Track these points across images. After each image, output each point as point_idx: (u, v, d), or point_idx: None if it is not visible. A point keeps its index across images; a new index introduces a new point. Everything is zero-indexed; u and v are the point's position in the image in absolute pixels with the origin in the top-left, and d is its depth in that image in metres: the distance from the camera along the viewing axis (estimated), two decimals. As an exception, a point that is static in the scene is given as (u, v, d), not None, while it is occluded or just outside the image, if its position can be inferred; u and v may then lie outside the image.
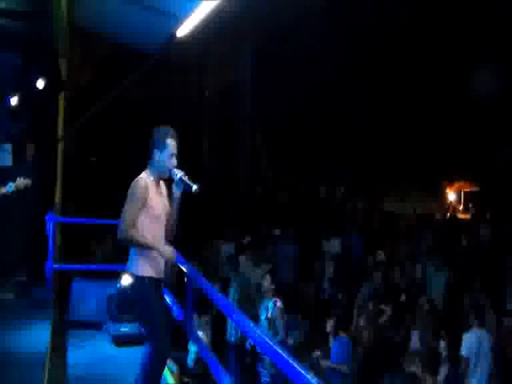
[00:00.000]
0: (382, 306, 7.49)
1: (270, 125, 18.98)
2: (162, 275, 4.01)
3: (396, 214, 15.73)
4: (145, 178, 3.90)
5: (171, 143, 3.92)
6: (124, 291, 5.70)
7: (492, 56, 16.60)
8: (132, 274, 3.92)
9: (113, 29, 7.78)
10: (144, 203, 3.83)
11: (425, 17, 17.10)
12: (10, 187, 5.98)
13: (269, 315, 6.82)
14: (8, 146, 6.64)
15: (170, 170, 3.93)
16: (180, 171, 3.92)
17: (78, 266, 6.53)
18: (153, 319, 3.91)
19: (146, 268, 3.89)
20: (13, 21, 7.09)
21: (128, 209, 3.80)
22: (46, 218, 6.09)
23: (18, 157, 6.76)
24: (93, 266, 6.49)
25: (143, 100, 15.91)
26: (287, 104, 18.50)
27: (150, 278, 3.89)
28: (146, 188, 3.84)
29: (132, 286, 3.99)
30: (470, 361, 6.47)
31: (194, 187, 3.83)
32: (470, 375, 6.51)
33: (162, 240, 3.98)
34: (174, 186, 3.96)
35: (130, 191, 3.85)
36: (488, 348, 6.59)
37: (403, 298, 8.87)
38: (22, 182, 5.97)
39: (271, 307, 6.85)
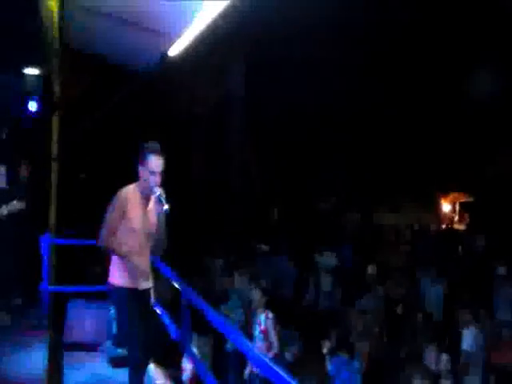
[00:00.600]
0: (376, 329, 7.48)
1: (263, 136, 18.96)
2: (142, 287, 4.01)
3: (391, 226, 15.73)
4: (129, 189, 3.93)
5: (153, 160, 3.87)
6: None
7: (492, 56, 16.55)
8: (110, 284, 3.96)
9: (105, 49, 7.80)
10: (123, 214, 3.85)
11: (425, 17, 17.03)
12: (5, 210, 5.97)
13: (262, 327, 6.85)
14: (2, 169, 6.61)
15: (152, 187, 3.89)
16: (159, 189, 3.87)
17: (73, 288, 6.48)
18: (129, 329, 3.91)
19: (123, 278, 3.93)
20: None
21: (108, 217, 3.86)
22: (41, 239, 6.06)
23: (12, 178, 6.73)
24: (88, 288, 6.42)
25: (134, 111, 15.77)
26: (280, 115, 18.50)
27: (127, 289, 3.91)
28: (126, 199, 3.87)
29: (110, 295, 4.04)
30: (470, 355, 6.64)
31: (165, 207, 3.82)
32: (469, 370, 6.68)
33: (141, 251, 3.99)
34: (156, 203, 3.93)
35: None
36: (481, 344, 6.79)
37: (399, 310, 8.86)
38: (15, 204, 5.95)
39: (263, 320, 6.87)
